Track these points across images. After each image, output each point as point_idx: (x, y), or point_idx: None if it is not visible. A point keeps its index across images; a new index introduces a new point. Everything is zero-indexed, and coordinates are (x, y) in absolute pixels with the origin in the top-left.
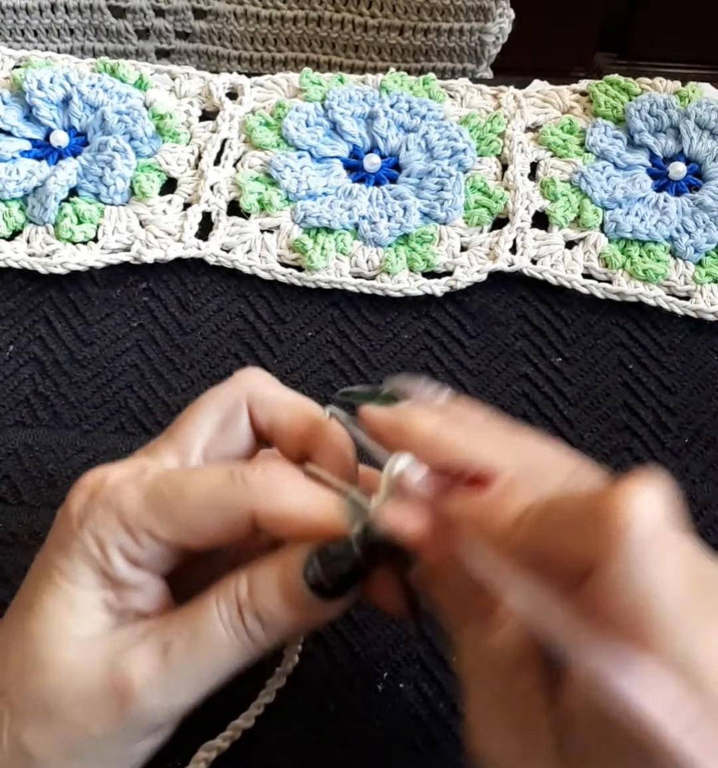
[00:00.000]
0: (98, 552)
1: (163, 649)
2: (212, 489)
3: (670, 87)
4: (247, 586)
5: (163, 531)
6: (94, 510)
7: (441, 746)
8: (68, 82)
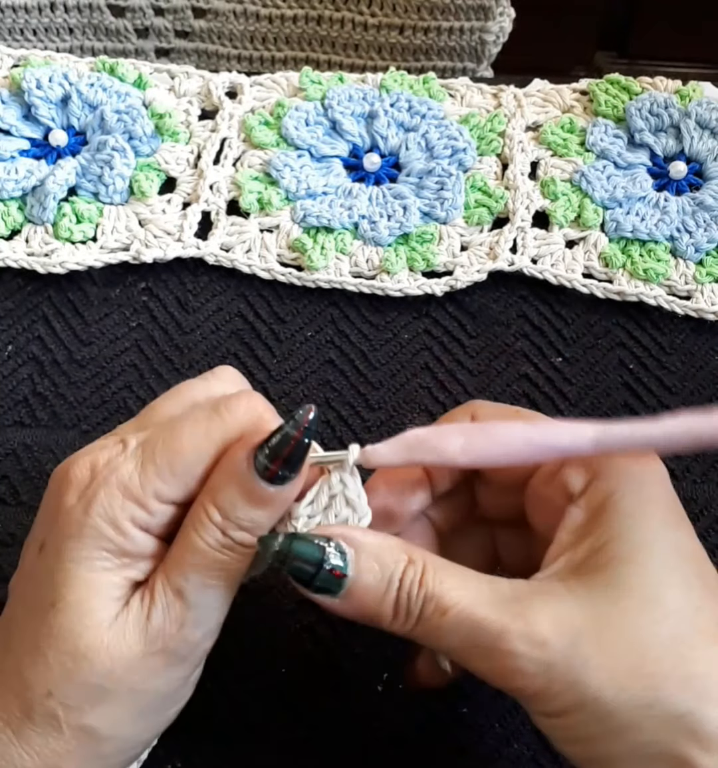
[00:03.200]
0: (113, 532)
1: (177, 594)
2: (201, 429)
3: (670, 86)
4: (217, 510)
5: (169, 489)
6: (97, 494)
7: (441, 746)
8: (67, 81)
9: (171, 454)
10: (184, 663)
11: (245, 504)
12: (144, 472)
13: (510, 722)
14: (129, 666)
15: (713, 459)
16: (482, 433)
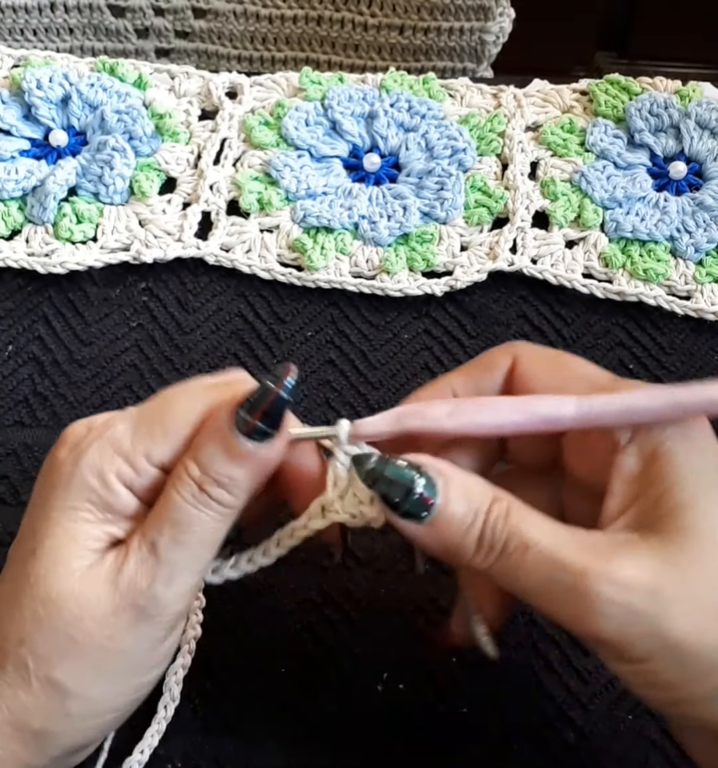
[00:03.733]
0: (98, 483)
1: (151, 550)
2: (197, 398)
3: (670, 86)
4: (196, 465)
5: (158, 450)
6: (89, 447)
7: (441, 746)
8: (67, 81)
9: (163, 414)
10: (154, 623)
11: (223, 459)
12: (137, 431)
13: (510, 722)
14: (98, 618)
15: None
16: (469, 401)
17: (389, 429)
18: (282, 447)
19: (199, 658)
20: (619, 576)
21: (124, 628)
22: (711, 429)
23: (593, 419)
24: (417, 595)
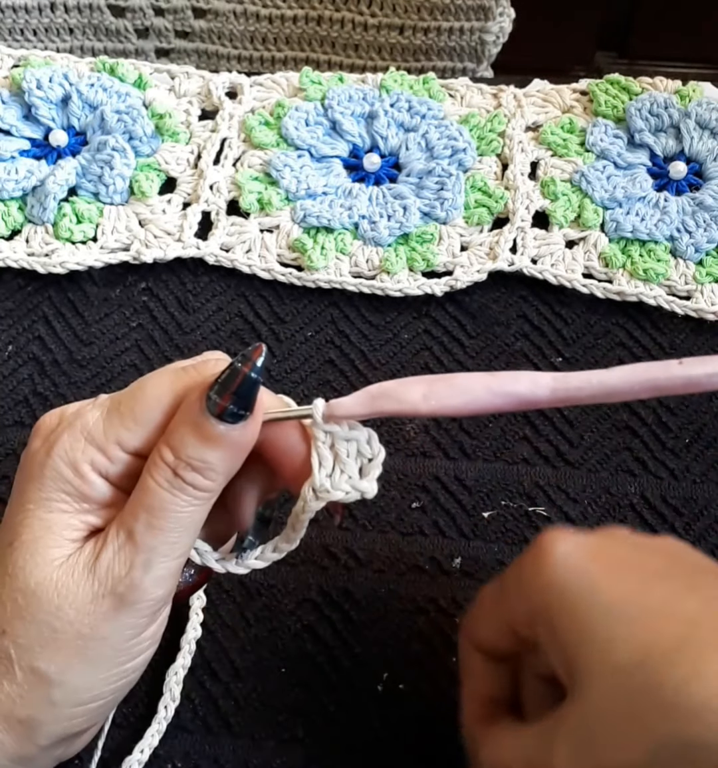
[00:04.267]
0: (72, 474)
1: (129, 537)
2: (168, 383)
3: (670, 86)
4: (169, 450)
5: (131, 437)
6: (60, 437)
7: (441, 746)
8: (67, 81)
9: (134, 402)
10: (134, 609)
11: (196, 442)
12: (108, 419)
13: None
14: (77, 606)
15: (713, 459)
16: (443, 381)
17: (364, 411)
18: (256, 428)
19: (199, 658)
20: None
21: (103, 615)
22: None
23: (570, 397)
24: (417, 595)
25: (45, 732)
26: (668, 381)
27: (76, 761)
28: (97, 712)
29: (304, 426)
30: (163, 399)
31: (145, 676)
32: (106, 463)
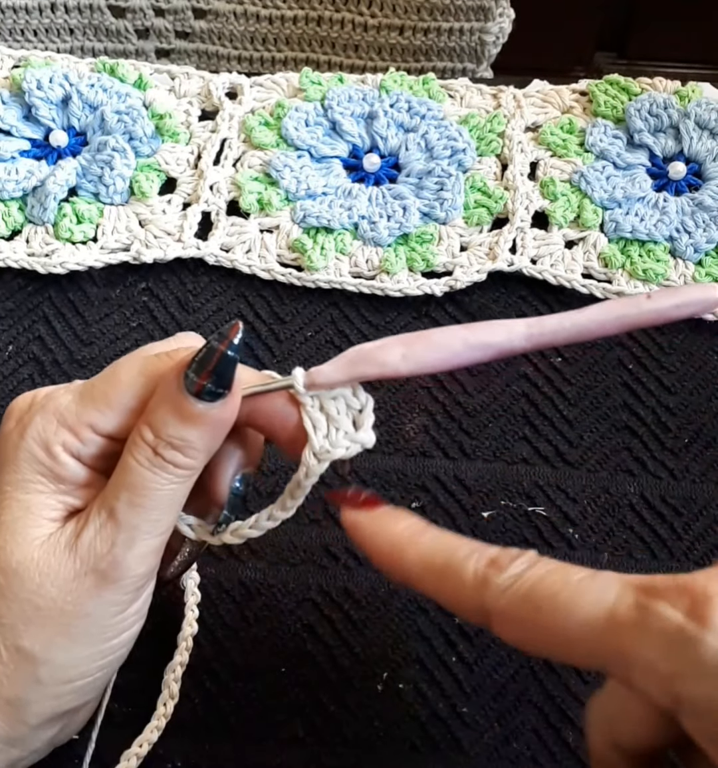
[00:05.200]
0: (44, 455)
1: (110, 515)
2: (140, 368)
3: (670, 87)
4: (149, 429)
5: (103, 419)
6: (32, 419)
7: (440, 746)
8: (67, 81)
9: (107, 385)
10: (117, 587)
11: (176, 421)
12: (81, 401)
13: (510, 722)
14: (60, 584)
15: (713, 459)
16: (420, 339)
17: (344, 377)
18: (235, 405)
19: (199, 657)
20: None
21: (86, 592)
22: None
23: (546, 341)
24: (417, 595)
25: (34, 711)
26: (639, 316)
27: (76, 761)
28: (85, 689)
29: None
30: (135, 383)
31: (144, 675)
32: (78, 445)
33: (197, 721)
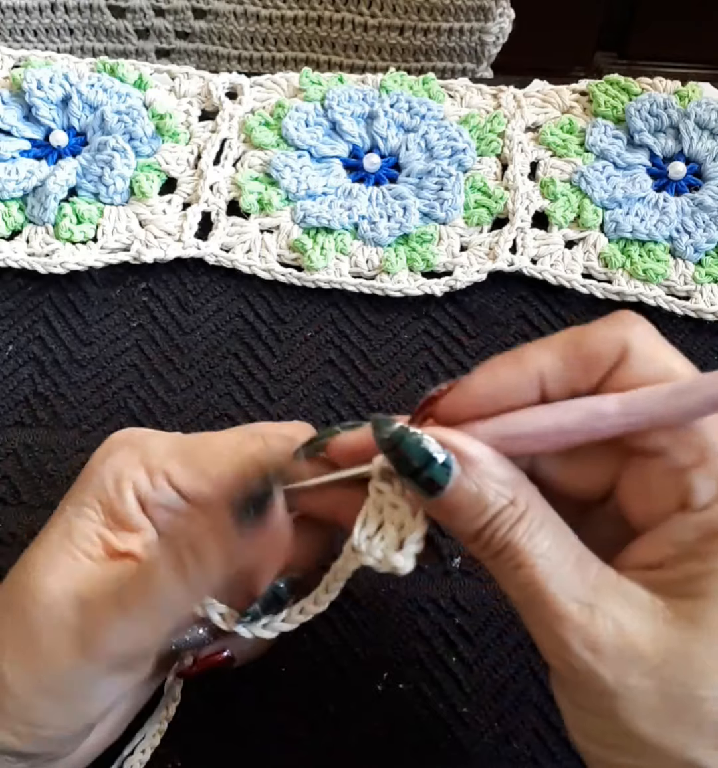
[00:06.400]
0: (112, 485)
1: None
2: (234, 443)
3: (670, 87)
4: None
5: (181, 475)
6: (120, 450)
7: (441, 746)
8: (68, 81)
9: (198, 448)
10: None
11: (211, 537)
12: (172, 450)
13: (510, 722)
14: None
15: None
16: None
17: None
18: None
19: None
20: (593, 636)
21: (65, 651)
22: None
23: (639, 414)
24: (417, 595)
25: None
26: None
27: None
28: (55, 739)
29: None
30: (222, 460)
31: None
32: (149, 488)
33: (197, 721)
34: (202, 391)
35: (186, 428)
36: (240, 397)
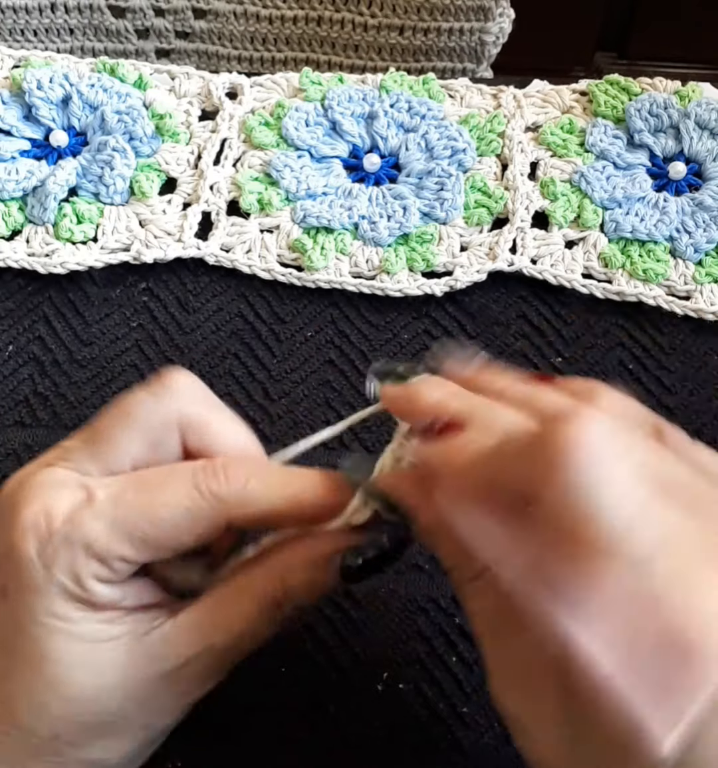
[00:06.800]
0: (77, 588)
1: (213, 653)
2: (182, 509)
3: (670, 87)
4: (282, 590)
5: (137, 555)
6: (57, 552)
7: (441, 746)
8: (68, 81)
9: (148, 526)
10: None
11: (308, 592)
12: (113, 537)
13: None
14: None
15: None
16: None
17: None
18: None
19: None
20: None
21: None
22: None
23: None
24: (417, 595)
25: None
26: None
27: None
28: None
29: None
30: (178, 530)
31: None
32: (109, 574)
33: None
34: None
35: None
36: (240, 397)
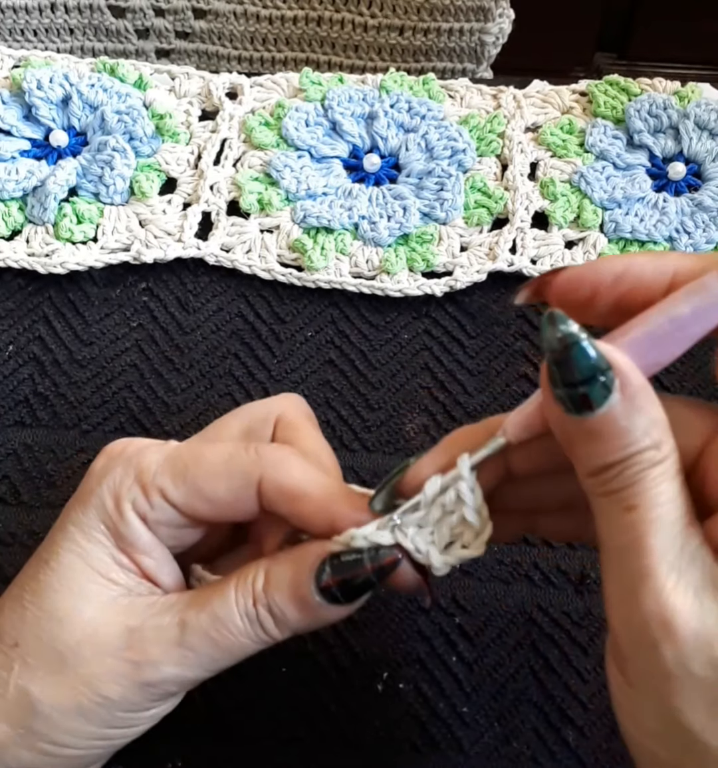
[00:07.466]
0: (113, 506)
1: (181, 627)
2: (227, 456)
3: (669, 87)
4: (264, 580)
5: (175, 492)
6: (115, 467)
7: (441, 746)
8: (68, 81)
9: (193, 463)
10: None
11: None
12: (162, 467)
13: (510, 722)
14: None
15: None
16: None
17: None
18: (345, 614)
19: None
20: (669, 612)
21: (116, 677)
22: None
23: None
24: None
25: (12, 754)
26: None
27: None
28: (72, 760)
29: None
30: (217, 476)
31: None
32: (147, 507)
33: (197, 721)
34: (202, 391)
35: (186, 428)
36: (240, 397)
